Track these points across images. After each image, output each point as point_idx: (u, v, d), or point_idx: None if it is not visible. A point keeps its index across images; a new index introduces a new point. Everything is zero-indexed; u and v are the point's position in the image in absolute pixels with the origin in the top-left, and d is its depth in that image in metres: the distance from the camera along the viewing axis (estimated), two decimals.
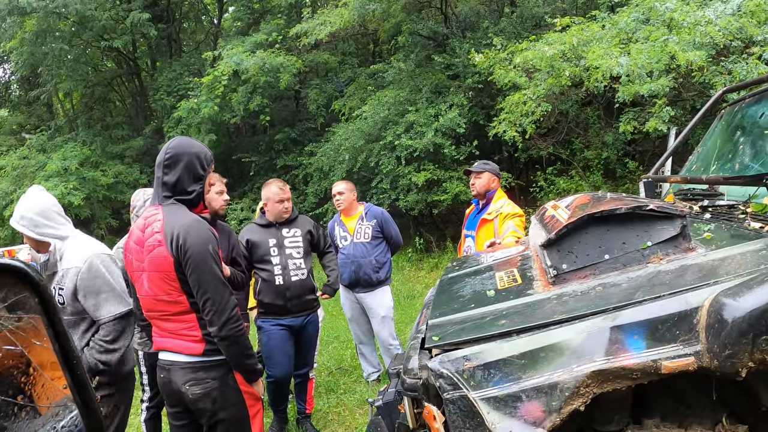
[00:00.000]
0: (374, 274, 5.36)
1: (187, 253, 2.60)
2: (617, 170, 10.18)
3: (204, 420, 2.84)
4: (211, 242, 2.67)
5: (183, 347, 2.76)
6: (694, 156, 3.90)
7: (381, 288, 5.46)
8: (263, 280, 4.46)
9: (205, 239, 2.65)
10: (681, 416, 2.15)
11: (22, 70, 18.38)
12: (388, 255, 5.58)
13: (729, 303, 1.73)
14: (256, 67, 12.57)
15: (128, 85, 20.67)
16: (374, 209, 5.58)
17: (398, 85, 12.09)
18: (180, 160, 2.76)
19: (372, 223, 5.43)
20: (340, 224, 5.58)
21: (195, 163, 2.79)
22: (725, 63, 6.97)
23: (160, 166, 2.79)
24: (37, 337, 0.96)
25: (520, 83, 8.56)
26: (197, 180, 2.81)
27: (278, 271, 4.43)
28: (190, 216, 2.72)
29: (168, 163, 2.76)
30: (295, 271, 4.47)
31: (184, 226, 2.63)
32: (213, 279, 2.64)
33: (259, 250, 4.46)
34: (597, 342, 1.87)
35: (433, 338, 2.20)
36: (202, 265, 2.61)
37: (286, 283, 4.42)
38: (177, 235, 2.61)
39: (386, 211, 5.66)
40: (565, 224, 2.32)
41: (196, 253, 2.60)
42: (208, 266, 2.63)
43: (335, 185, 5.62)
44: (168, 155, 2.77)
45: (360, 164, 11.25)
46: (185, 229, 2.62)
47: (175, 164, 2.76)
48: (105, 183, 15.34)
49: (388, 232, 5.49)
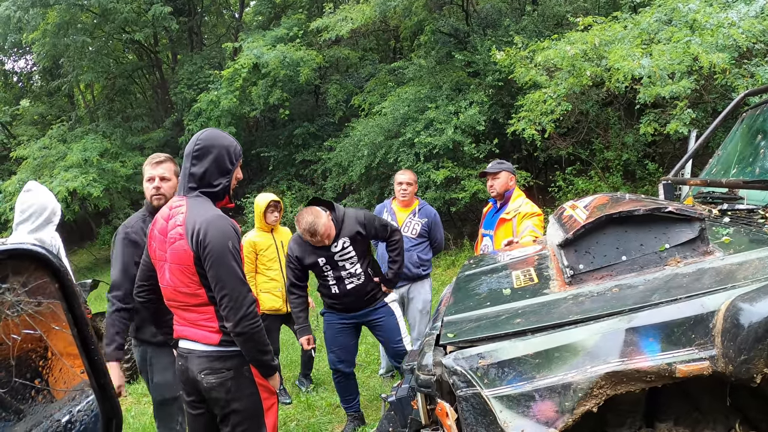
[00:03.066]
0: (415, 269, 5.31)
1: (207, 248, 2.60)
2: (637, 172, 10.10)
3: (217, 410, 2.86)
4: (231, 238, 2.66)
5: (200, 336, 2.78)
6: (715, 159, 3.86)
7: (422, 281, 5.43)
8: (320, 285, 4.44)
9: (226, 235, 2.65)
10: (694, 421, 2.13)
11: (44, 62, 18.63)
12: (430, 254, 5.51)
13: (746, 308, 1.71)
14: (276, 61, 12.60)
15: (149, 78, 20.86)
16: (428, 208, 5.48)
17: (418, 81, 12.07)
18: (209, 152, 2.75)
19: (423, 221, 5.34)
20: (390, 212, 5.42)
21: (224, 156, 2.78)
22: (748, 66, 6.90)
23: (188, 157, 2.78)
24: (56, 322, 0.97)
25: (541, 82, 8.52)
26: (224, 174, 2.80)
27: (332, 281, 4.34)
28: (213, 211, 2.72)
29: (197, 154, 2.75)
30: (350, 279, 4.33)
31: (206, 222, 2.63)
32: (231, 275, 2.64)
33: (311, 267, 4.34)
34: (612, 343, 1.86)
35: (448, 335, 2.20)
36: (220, 261, 2.62)
37: (341, 291, 4.35)
38: (198, 230, 2.61)
39: (438, 215, 5.56)
40: (583, 224, 2.30)
41: (215, 248, 2.61)
42: (226, 262, 2.63)
43: (401, 174, 5.48)
44: (198, 146, 2.76)
45: (379, 160, 11.23)
46: (206, 225, 2.62)
47: (204, 156, 2.75)
48: (124, 174, 15.50)
49: (435, 234, 5.42)
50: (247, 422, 2.86)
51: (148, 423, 5.36)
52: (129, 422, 5.46)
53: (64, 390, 1.02)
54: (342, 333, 4.51)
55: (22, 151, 16.21)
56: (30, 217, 3.63)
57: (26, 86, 23.82)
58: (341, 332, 4.50)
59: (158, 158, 3.57)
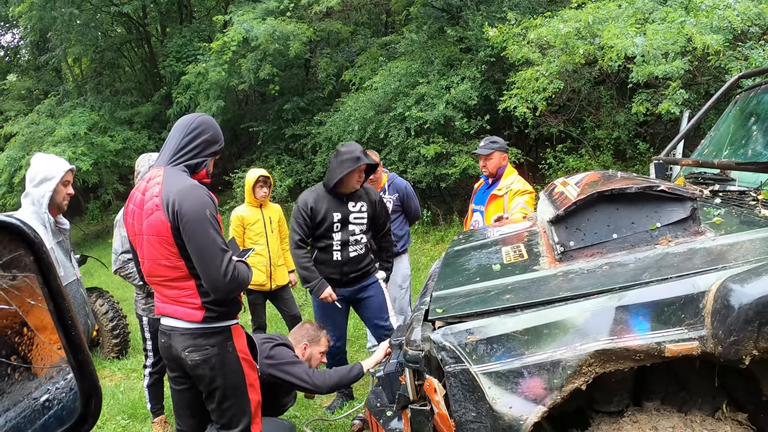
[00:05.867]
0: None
1: (184, 218, 2.59)
2: (627, 151, 10.09)
3: (203, 387, 2.86)
4: (208, 206, 2.66)
5: (183, 314, 2.77)
6: (707, 140, 3.86)
7: (400, 257, 5.38)
8: (320, 251, 4.41)
9: (203, 203, 2.64)
10: (681, 401, 2.15)
11: (31, 35, 18.36)
12: (406, 227, 5.50)
13: (736, 289, 1.71)
14: (266, 35, 12.40)
15: (138, 51, 20.54)
16: (398, 181, 5.40)
17: (410, 56, 11.96)
18: (205, 132, 2.85)
19: (393, 197, 5.27)
20: None
21: (213, 142, 2.89)
22: (742, 48, 6.88)
23: (182, 129, 2.83)
24: (32, 297, 0.94)
25: (533, 59, 8.45)
26: (207, 155, 2.87)
27: (337, 247, 4.34)
28: (189, 181, 2.72)
29: (193, 128, 2.83)
30: (354, 246, 4.36)
31: (182, 191, 2.62)
32: (211, 243, 2.62)
33: (323, 223, 4.31)
34: (601, 321, 1.86)
35: (437, 310, 2.19)
36: (199, 230, 2.60)
37: (344, 259, 4.35)
38: (173, 201, 2.60)
39: (410, 185, 5.50)
40: (575, 201, 2.29)
41: (193, 217, 2.59)
42: (205, 230, 2.61)
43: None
44: (196, 122, 2.85)
45: (369, 135, 11.16)
46: (182, 195, 2.61)
47: (199, 135, 2.83)
48: (113, 149, 15.32)
49: (409, 205, 5.37)
50: (233, 398, 2.87)
51: (137, 398, 5.35)
52: (118, 398, 5.46)
53: (42, 367, 0.99)
54: (332, 308, 4.47)
55: (10, 127, 16.00)
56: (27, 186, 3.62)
57: (13, 61, 23.43)
58: (332, 307, 4.45)
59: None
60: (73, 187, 3.71)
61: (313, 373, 3.54)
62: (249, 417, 2.93)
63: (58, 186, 3.55)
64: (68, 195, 3.67)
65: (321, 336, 3.90)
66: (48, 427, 1.00)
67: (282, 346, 3.61)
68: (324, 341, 3.89)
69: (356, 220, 4.33)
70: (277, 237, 5.46)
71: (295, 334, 3.91)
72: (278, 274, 5.38)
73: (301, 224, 4.32)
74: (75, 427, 1.02)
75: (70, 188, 3.67)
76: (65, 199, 3.65)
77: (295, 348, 3.73)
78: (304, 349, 3.77)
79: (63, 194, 3.62)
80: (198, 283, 2.71)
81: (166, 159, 2.81)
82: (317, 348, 3.84)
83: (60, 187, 3.57)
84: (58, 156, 3.87)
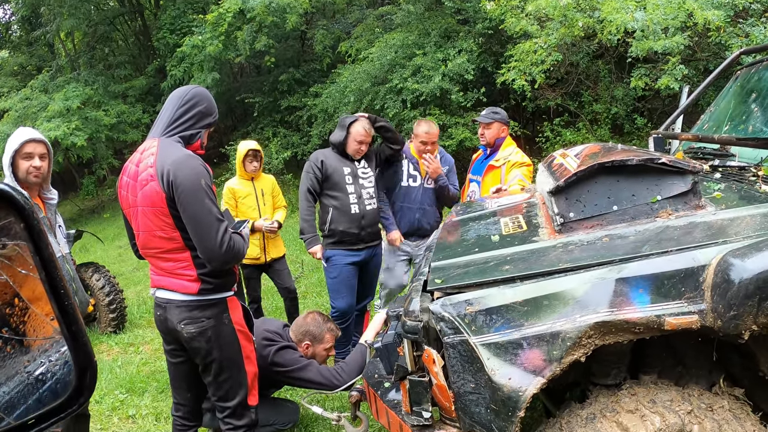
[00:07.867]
0: (433, 226, 4.81)
1: (179, 188, 2.57)
2: (625, 126, 10.06)
3: (199, 359, 2.86)
4: (203, 176, 2.63)
5: (178, 286, 2.76)
6: (706, 115, 3.84)
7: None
8: (335, 208, 4.49)
9: (198, 173, 2.62)
10: (678, 375, 2.15)
11: (23, 11, 18.13)
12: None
13: (737, 263, 1.70)
14: (262, 7, 12.26)
15: (131, 24, 20.26)
16: (447, 156, 5.04)
17: (406, 27, 11.84)
18: (199, 103, 2.84)
19: (444, 170, 4.83)
20: (411, 159, 4.89)
21: (207, 114, 2.89)
22: (743, 25, 6.83)
23: (176, 100, 2.82)
24: (23, 266, 0.92)
25: (532, 32, 8.39)
26: (202, 126, 2.87)
27: (354, 200, 4.48)
28: (183, 151, 2.70)
29: (187, 99, 2.82)
30: (368, 200, 4.53)
31: (176, 161, 2.60)
32: (206, 212, 2.61)
33: (334, 175, 4.48)
34: (601, 293, 1.85)
35: (436, 281, 2.18)
36: (194, 199, 2.58)
37: (361, 211, 4.49)
38: (168, 171, 2.58)
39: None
40: (575, 172, 2.27)
41: (188, 187, 2.58)
42: (200, 200, 2.59)
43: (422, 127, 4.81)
44: (190, 94, 2.84)
45: (365, 107, 11.10)
46: (177, 165, 2.59)
47: (194, 106, 2.82)
48: (107, 123, 15.18)
49: (454, 180, 4.96)
50: (229, 370, 2.87)
51: (135, 373, 5.37)
52: (116, 372, 5.46)
53: (35, 339, 0.97)
54: (351, 274, 4.59)
55: (3, 103, 15.85)
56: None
57: (5, 37, 23.07)
58: (350, 273, 4.58)
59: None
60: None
61: (325, 372, 3.49)
62: (246, 389, 2.94)
63: (16, 160, 3.18)
64: (34, 168, 3.20)
65: (324, 332, 3.76)
66: (42, 400, 0.98)
67: (286, 349, 3.53)
68: (328, 337, 3.77)
69: (364, 175, 4.57)
70: (270, 209, 5.38)
71: (296, 331, 3.76)
72: (272, 246, 5.35)
73: (311, 177, 4.51)
74: (70, 400, 1.00)
75: (36, 161, 3.21)
76: (31, 172, 3.20)
77: (298, 347, 3.67)
78: (306, 349, 3.69)
79: (24, 169, 3.18)
80: (194, 254, 2.70)
81: (160, 130, 2.79)
82: (321, 346, 3.74)
83: (19, 161, 3.18)
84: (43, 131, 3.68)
